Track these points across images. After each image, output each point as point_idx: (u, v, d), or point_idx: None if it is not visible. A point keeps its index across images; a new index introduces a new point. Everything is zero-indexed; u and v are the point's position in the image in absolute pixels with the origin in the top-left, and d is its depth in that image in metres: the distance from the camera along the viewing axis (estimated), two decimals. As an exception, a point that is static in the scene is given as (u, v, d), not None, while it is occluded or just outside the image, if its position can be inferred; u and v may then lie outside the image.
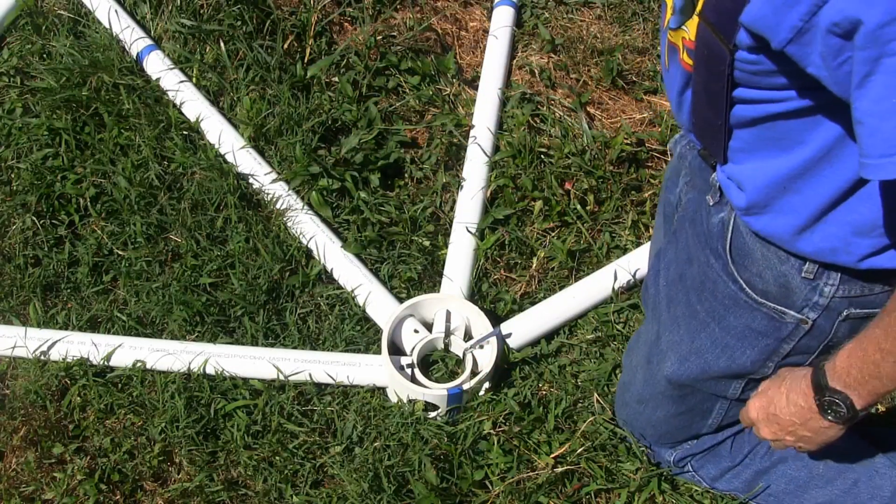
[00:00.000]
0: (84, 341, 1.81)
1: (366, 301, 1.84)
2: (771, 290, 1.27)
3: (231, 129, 2.08)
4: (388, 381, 1.72)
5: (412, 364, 1.71)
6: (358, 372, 1.74)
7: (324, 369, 1.74)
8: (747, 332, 1.33)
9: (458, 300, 1.78)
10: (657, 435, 1.58)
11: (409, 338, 1.77)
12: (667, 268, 1.47)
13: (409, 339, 1.77)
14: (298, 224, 1.94)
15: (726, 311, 1.34)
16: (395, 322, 1.76)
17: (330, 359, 1.76)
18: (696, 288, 1.38)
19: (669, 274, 1.46)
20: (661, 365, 1.46)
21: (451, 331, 1.77)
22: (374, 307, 1.83)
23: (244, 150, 2.04)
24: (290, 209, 1.95)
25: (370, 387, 1.75)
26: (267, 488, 1.65)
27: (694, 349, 1.41)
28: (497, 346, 1.70)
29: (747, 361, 1.36)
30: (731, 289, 1.32)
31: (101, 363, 1.79)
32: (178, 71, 2.18)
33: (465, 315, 1.77)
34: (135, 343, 1.81)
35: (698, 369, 1.41)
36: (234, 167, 2.02)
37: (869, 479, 1.48)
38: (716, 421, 1.51)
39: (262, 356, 1.76)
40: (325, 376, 1.74)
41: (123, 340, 1.81)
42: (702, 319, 1.38)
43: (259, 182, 2.00)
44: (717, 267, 1.33)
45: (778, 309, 1.28)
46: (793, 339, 1.30)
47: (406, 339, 1.78)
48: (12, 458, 1.72)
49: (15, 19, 2.34)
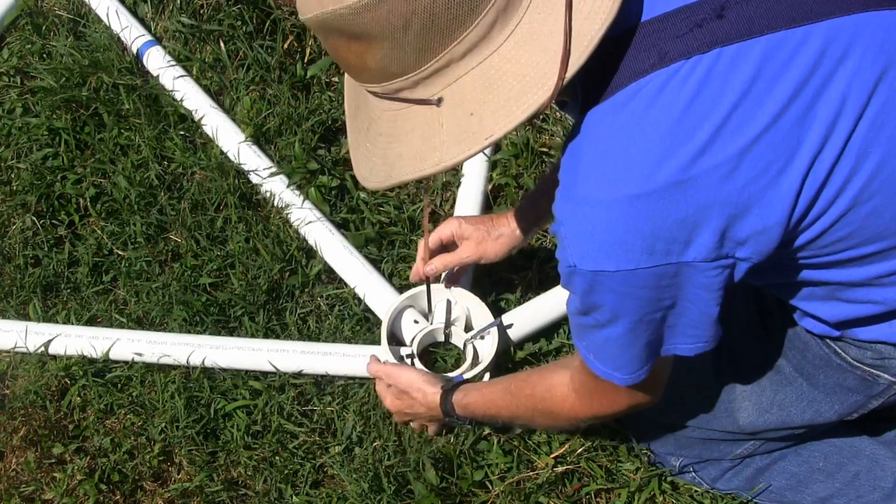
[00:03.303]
0: (81, 334, 1.81)
1: (365, 293, 1.82)
2: (865, 358, 1.25)
3: (231, 123, 2.07)
4: None
5: (412, 354, 1.68)
6: (357, 363, 1.72)
7: (322, 360, 1.72)
8: (837, 388, 1.31)
9: (458, 291, 1.75)
10: (678, 451, 1.57)
11: (409, 328, 1.74)
12: (740, 315, 1.46)
13: (408, 329, 1.75)
14: (297, 215, 1.92)
15: (816, 371, 1.32)
16: (395, 313, 1.73)
17: (329, 349, 1.74)
18: (782, 343, 1.37)
19: (742, 321, 1.46)
20: (732, 413, 1.45)
21: (451, 321, 1.74)
22: (374, 298, 1.81)
23: (244, 145, 2.03)
24: (289, 205, 1.94)
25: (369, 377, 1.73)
26: (267, 488, 1.65)
27: (777, 402, 1.39)
28: (498, 337, 1.67)
29: (833, 415, 1.35)
30: (824, 351, 1.29)
31: (100, 356, 1.78)
32: (178, 67, 2.17)
33: (465, 305, 1.74)
34: (133, 335, 1.80)
35: (779, 421, 1.40)
36: (235, 163, 2.01)
37: (869, 472, 1.48)
38: (748, 451, 1.51)
39: (261, 347, 1.75)
40: (324, 367, 1.72)
41: (121, 334, 1.80)
42: (788, 374, 1.37)
43: (259, 176, 1.99)
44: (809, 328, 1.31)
45: (872, 372, 1.26)
46: (883, 397, 1.29)
47: (406, 329, 1.75)
48: (12, 458, 1.72)
49: (15, 19, 2.34)
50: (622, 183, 0.99)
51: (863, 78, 0.98)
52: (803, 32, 0.98)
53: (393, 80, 1.02)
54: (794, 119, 0.97)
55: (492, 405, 1.48)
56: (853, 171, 1.00)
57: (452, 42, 0.97)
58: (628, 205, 0.98)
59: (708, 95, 0.97)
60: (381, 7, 0.93)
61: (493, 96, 0.99)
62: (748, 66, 0.97)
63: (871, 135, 0.99)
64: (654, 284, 1.03)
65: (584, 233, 1.02)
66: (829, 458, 1.49)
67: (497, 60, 0.99)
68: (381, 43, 0.97)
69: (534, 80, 0.98)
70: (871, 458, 1.48)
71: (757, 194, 0.98)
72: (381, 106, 1.07)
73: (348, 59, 1.03)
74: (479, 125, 1.00)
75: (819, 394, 1.34)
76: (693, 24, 0.98)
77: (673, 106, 0.97)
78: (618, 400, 1.28)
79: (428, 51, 0.98)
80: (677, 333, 1.12)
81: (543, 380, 1.40)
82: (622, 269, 1.02)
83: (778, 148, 0.97)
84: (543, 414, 1.41)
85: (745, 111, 0.97)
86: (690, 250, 1.00)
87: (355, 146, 1.15)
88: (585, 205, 1.02)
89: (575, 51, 0.96)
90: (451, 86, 1.01)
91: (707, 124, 0.97)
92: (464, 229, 1.61)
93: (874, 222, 1.03)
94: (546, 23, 0.98)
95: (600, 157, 1.01)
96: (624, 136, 0.99)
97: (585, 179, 1.02)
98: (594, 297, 1.07)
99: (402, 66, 1.00)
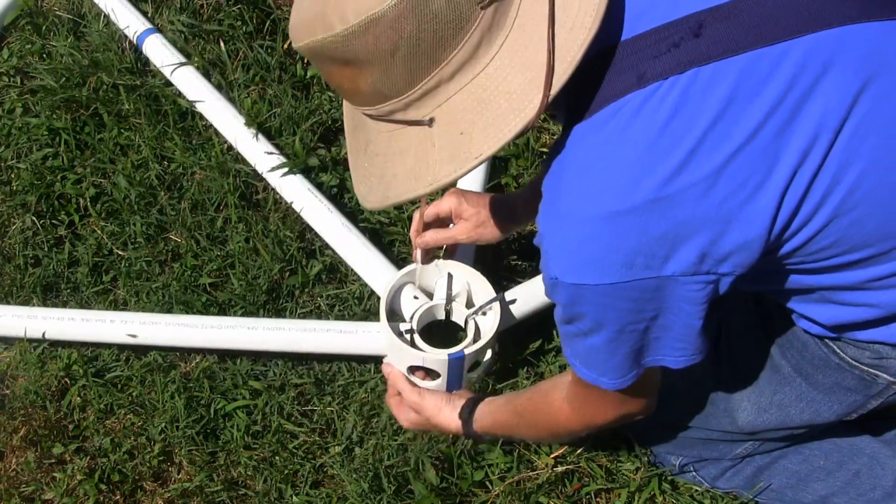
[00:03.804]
0: (74, 317, 1.82)
1: (364, 269, 1.81)
2: (864, 358, 1.25)
3: (231, 108, 2.06)
4: (387, 349, 1.66)
5: (411, 330, 1.64)
6: (355, 339, 1.71)
7: (320, 337, 1.72)
8: (836, 388, 1.32)
9: (458, 266, 1.71)
10: (678, 451, 1.57)
11: (409, 305, 1.70)
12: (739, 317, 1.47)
13: (408, 306, 1.71)
14: (295, 195, 1.91)
15: (815, 371, 1.33)
16: (394, 289, 1.70)
17: (326, 327, 1.73)
18: (781, 343, 1.38)
19: (741, 323, 1.46)
20: (731, 413, 1.45)
21: (452, 297, 1.70)
22: (373, 274, 1.80)
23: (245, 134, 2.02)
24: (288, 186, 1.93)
25: (369, 355, 1.73)
26: (267, 488, 1.65)
27: (776, 402, 1.40)
28: (500, 313, 1.64)
29: (832, 415, 1.35)
30: (823, 351, 1.30)
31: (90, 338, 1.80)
32: (178, 55, 2.16)
33: (466, 280, 1.70)
34: (126, 317, 1.79)
35: (778, 421, 1.40)
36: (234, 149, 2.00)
37: (870, 470, 1.48)
38: (748, 451, 1.51)
39: (257, 326, 1.75)
40: (322, 345, 1.72)
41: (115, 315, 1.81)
42: (786, 374, 1.38)
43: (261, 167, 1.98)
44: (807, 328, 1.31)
45: (871, 372, 1.26)
46: (882, 397, 1.29)
47: (405, 306, 1.71)
48: (12, 458, 1.73)
49: (15, 19, 2.34)
50: (601, 200, 1.02)
51: (843, 90, 1.00)
52: (782, 49, 0.99)
53: (385, 103, 1.05)
54: (772, 134, 0.99)
55: (506, 427, 1.51)
56: (834, 182, 1.01)
57: (440, 64, 1.00)
58: (607, 221, 1.01)
59: (684, 115, 0.99)
60: (369, 33, 0.96)
61: (483, 115, 1.02)
62: (725, 85, 0.99)
63: (853, 146, 1.00)
64: (635, 297, 1.06)
65: (566, 247, 1.06)
66: (830, 456, 1.50)
67: (485, 79, 1.02)
68: (371, 68, 1.00)
69: (520, 97, 1.01)
70: (872, 456, 1.48)
71: (735, 209, 1.00)
72: (377, 127, 1.10)
73: (341, 83, 1.06)
74: (469, 144, 1.02)
75: (818, 394, 1.35)
76: (671, 44, 1.00)
77: (650, 126, 1.00)
78: (608, 409, 1.31)
79: (417, 73, 1.01)
80: (664, 346, 1.14)
81: (543, 395, 1.43)
82: (602, 283, 1.04)
83: (755, 163, 0.99)
84: (546, 429, 1.45)
85: (721, 129, 0.99)
86: (670, 265, 1.03)
87: (354, 165, 1.18)
88: (566, 220, 1.05)
89: (559, 66, 0.99)
90: (442, 106, 1.03)
91: (684, 143, 0.99)
92: (463, 209, 1.61)
93: (858, 231, 1.05)
94: (531, 39, 1.00)
95: (581, 174, 1.04)
96: (603, 154, 1.02)
97: (567, 195, 1.05)
98: (576, 308, 1.10)
99: (393, 89, 1.03)
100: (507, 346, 1.75)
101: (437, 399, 1.57)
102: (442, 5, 0.95)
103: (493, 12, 0.98)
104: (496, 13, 0.99)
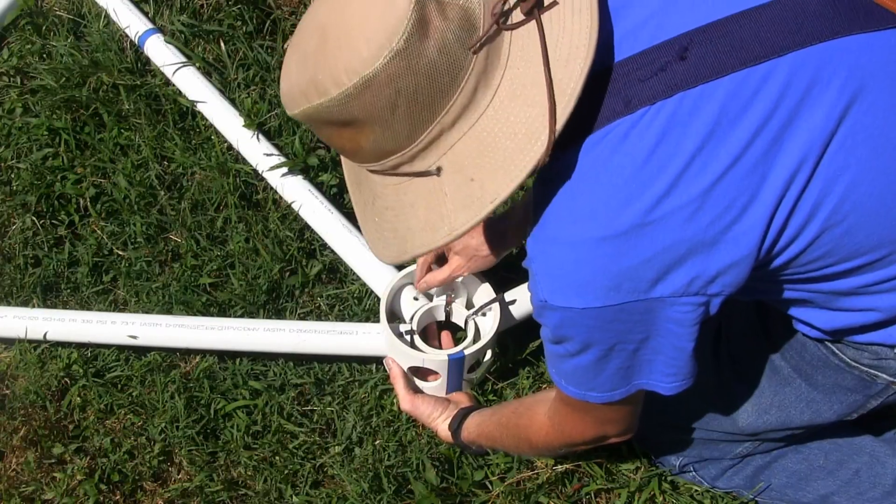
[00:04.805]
0: (75, 318, 1.82)
1: (365, 271, 1.80)
2: (863, 358, 1.25)
3: (232, 108, 2.06)
4: (388, 349, 1.67)
5: (411, 331, 1.65)
6: (355, 340, 1.71)
7: (320, 338, 1.71)
8: (836, 388, 1.32)
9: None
10: (679, 451, 1.57)
11: (409, 306, 1.71)
12: (739, 318, 1.47)
13: (408, 307, 1.72)
14: (295, 195, 1.91)
15: (814, 371, 1.33)
16: (394, 290, 1.71)
17: (326, 328, 1.74)
18: (781, 345, 1.38)
19: (741, 324, 1.47)
20: (732, 414, 1.46)
21: (452, 298, 1.71)
22: (373, 275, 1.80)
23: (245, 134, 2.02)
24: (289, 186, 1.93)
25: (369, 356, 1.73)
26: (267, 488, 1.65)
27: (776, 403, 1.40)
28: (500, 313, 1.65)
29: (832, 415, 1.35)
30: (822, 352, 1.30)
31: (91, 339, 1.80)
32: (179, 54, 2.16)
33: (466, 282, 1.71)
34: (127, 318, 1.79)
35: (778, 422, 1.41)
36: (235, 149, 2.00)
37: (870, 469, 1.48)
38: (748, 450, 1.52)
39: (257, 327, 1.75)
40: (322, 346, 1.72)
41: (116, 316, 1.80)
42: (786, 375, 1.38)
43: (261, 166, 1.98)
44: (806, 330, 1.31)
45: (870, 372, 1.26)
46: (881, 397, 1.29)
47: (405, 307, 1.72)
48: (12, 458, 1.73)
49: (15, 19, 2.34)
50: (588, 225, 1.02)
51: (830, 105, 0.99)
52: (767, 68, 0.99)
53: (389, 158, 1.04)
54: (759, 154, 0.99)
55: (490, 439, 1.52)
56: (822, 196, 1.01)
57: (440, 113, 0.99)
58: (595, 246, 1.02)
59: (671, 140, 0.99)
60: (366, 94, 0.95)
61: (489, 159, 1.01)
62: (710, 108, 0.99)
63: (840, 158, 1.01)
64: (623, 319, 1.06)
65: (554, 271, 1.06)
66: (830, 455, 1.50)
67: (486, 122, 1.01)
68: (372, 126, 0.99)
69: (526, 136, 1.00)
70: (872, 455, 1.48)
71: (722, 231, 1.01)
72: (383, 181, 1.09)
73: (342, 144, 1.05)
74: (481, 189, 1.01)
75: (818, 394, 1.35)
76: (657, 69, 1.00)
77: (637, 152, 1.00)
78: (586, 429, 1.32)
79: (418, 126, 1.00)
80: (654, 370, 1.15)
81: (527, 409, 1.44)
82: (590, 307, 1.05)
83: (741, 185, 0.99)
84: (526, 442, 1.45)
85: (707, 153, 0.99)
86: (658, 288, 1.03)
87: (363, 219, 1.17)
88: (555, 244, 1.05)
89: (560, 100, 0.98)
90: (447, 154, 1.02)
91: (670, 167, 0.99)
92: (453, 243, 1.61)
93: (850, 241, 1.05)
94: (527, 75, 1.00)
95: (569, 199, 1.04)
96: (591, 179, 1.02)
97: (555, 220, 1.05)
98: (564, 330, 1.11)
99: (396, 144, 1.02)
100: (507, 346, 1.75)
101: (428, 407, 1.59)
102: (434, 55, 0.95)
103: (486, 55, 0.98)
104: (488, 55, 0.98)
